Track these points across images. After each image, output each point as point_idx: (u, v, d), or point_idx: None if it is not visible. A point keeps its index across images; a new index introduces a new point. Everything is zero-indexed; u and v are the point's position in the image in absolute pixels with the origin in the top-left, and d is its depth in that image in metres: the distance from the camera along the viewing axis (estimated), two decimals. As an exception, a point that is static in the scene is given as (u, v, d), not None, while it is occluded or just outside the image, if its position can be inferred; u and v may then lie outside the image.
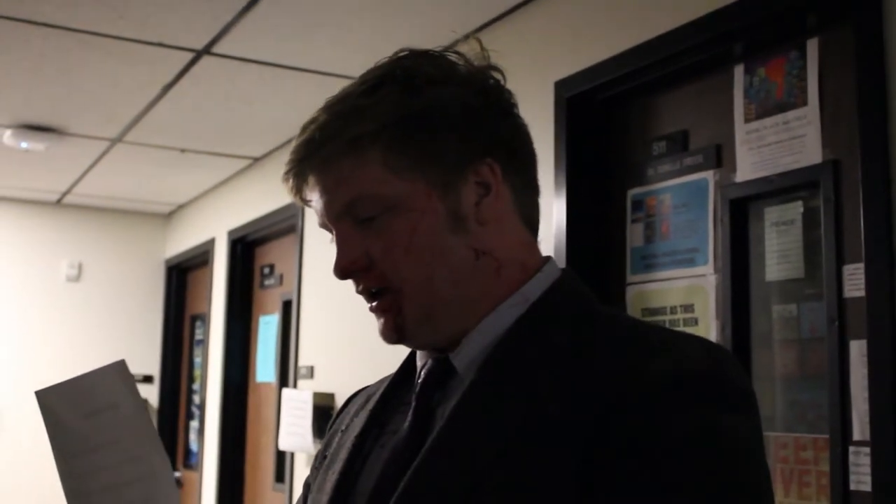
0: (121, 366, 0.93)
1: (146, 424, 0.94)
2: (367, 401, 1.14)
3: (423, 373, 1.03)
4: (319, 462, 1.14)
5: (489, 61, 1.05)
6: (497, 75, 1.05)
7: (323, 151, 0.98)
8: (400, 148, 0.97)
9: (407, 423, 1.01)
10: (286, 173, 1.01)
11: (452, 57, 1.03)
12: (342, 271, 1.00)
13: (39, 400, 0.95)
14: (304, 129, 1.00)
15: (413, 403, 1.02)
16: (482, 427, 0.91)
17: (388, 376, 1.13)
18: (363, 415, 1.10)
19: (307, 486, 1.17)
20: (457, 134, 0.99)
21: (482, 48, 1.05)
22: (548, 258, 1.05)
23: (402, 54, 1.03)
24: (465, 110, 1.00)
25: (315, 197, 1.01)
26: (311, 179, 1.00)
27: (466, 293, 0.99)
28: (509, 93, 1.06)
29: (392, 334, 1.00)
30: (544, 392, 0.90)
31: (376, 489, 0.98)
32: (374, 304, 1.01)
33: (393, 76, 1.00)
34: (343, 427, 1.14)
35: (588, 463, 0.84)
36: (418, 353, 1.07)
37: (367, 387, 1.20)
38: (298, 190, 1.01)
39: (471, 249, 0.99)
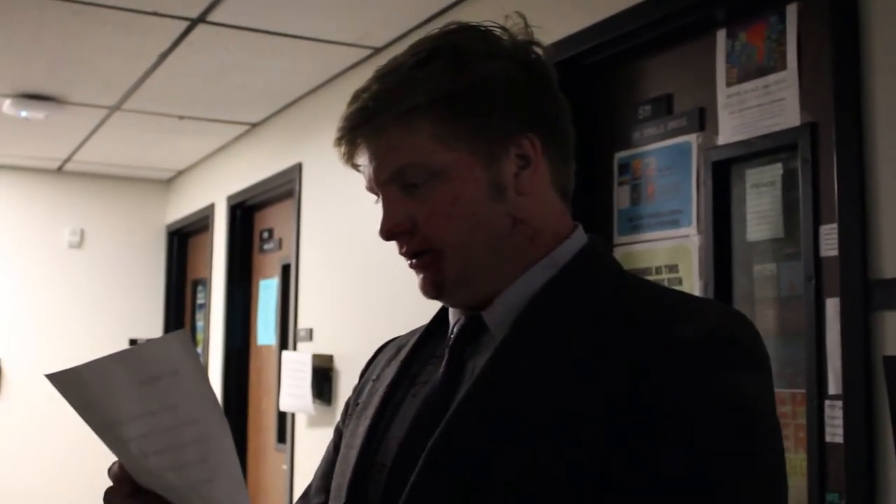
0: (182, 334, 0.95)
1: (205, 388, 0.96)
2: (397, 352, 1.20)
3: (455, 328, 1.09)
4: (352, 409, 1.20)
5: (532, 36, 1.10)
6: (539, 50, 1.10)
7: (375, 121, 1.03)
8: (448, 120, 1.02)
9: (440, 374, 1.06)
10: (338, 139, 1.06)
11: (497, 31, 1.08)
12: (387, 233, 1.06)
13: (56, 381, 0.95)
14: (357, 97, 1.05)
15: (446, 356, 1.07)
16: (513, 382, 0.97)
17: (419, 329, 1.19)
18: (394, 365, 1.16)
19: (338, 431, 1.23)
20: (501, 109, 1.04)
21: (526, 24, 1.10)
22: (577, 225, 1.11)
23: (450, 28, 1.09)
24: (509, 86, 1.05)
25: (364, 162, 1.07)
26: (362, 146, 1.06)
27: (502, 257, 1.05)
28: (550, 67, 1.11)
29: (431, 290, 1.06)
30: (573, 350, 0.96)
31: (409, 435, 1.04)
32: (413, 261, 1.07)
33: (443, 50, 1.05)
34: (374, 376, 1.19)
35: (616, 420, 0.90)
36: (451, 310, 1.13)
37: (397, 337, 1.26)
38: (350, 156, 1.07)
39: (508, 217, 1.04)
